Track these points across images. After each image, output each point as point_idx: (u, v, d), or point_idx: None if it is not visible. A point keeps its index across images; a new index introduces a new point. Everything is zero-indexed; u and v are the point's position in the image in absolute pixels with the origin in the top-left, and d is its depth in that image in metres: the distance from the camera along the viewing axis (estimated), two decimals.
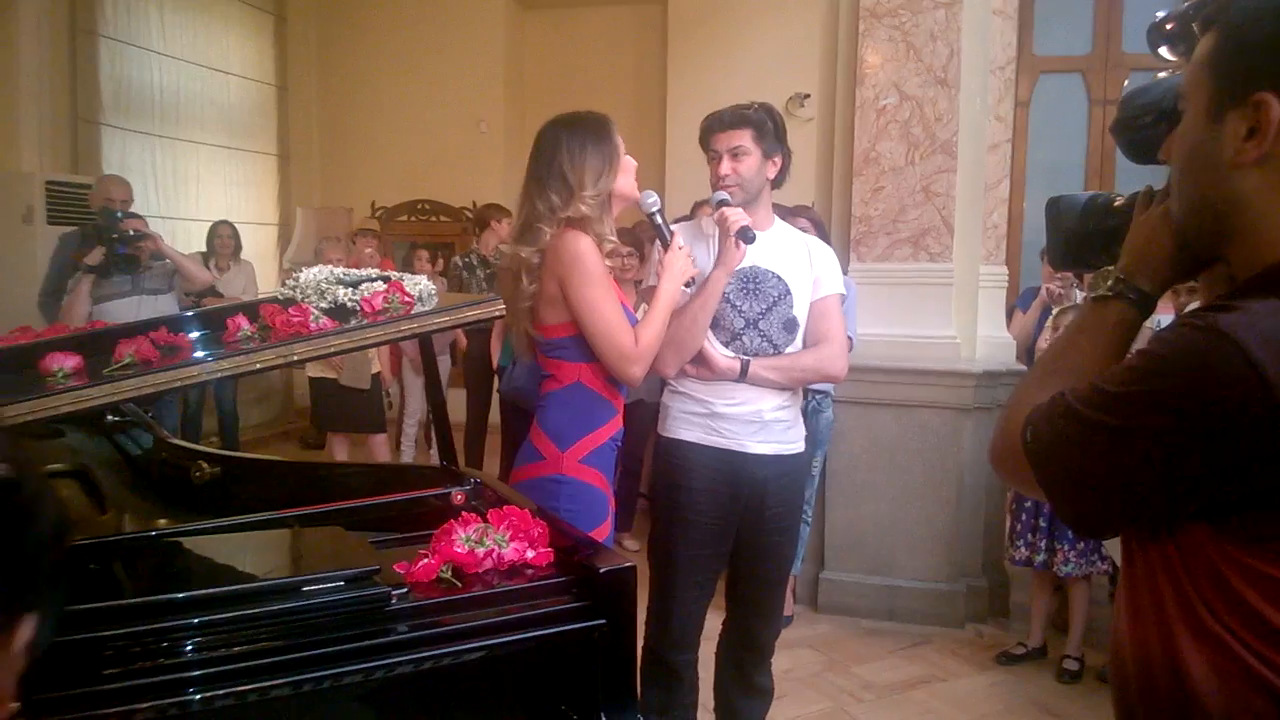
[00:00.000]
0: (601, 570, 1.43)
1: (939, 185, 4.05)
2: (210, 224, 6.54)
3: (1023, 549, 3.70)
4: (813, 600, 4.23)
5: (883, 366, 4.02)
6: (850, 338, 3.78)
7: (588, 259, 2.07)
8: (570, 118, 2.22)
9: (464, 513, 1.60)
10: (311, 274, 2.09)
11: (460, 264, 5.90)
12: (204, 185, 7.51)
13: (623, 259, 4.26)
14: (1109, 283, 1.03)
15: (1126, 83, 1.21)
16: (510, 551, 1.51)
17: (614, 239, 2.18)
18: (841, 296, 2.64)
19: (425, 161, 8.07)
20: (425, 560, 1.47)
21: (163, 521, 2.08)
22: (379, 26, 8.20)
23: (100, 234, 4.57)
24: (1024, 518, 3.71)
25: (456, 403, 6.48)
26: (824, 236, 4.09)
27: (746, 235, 2.37)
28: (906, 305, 4.09)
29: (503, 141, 8.02)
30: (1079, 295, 4.33)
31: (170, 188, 7.20)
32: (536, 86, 8.22)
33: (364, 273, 2.23)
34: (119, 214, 4.67)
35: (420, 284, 2.10)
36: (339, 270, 2.19)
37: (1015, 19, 4.23)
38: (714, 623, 2.67)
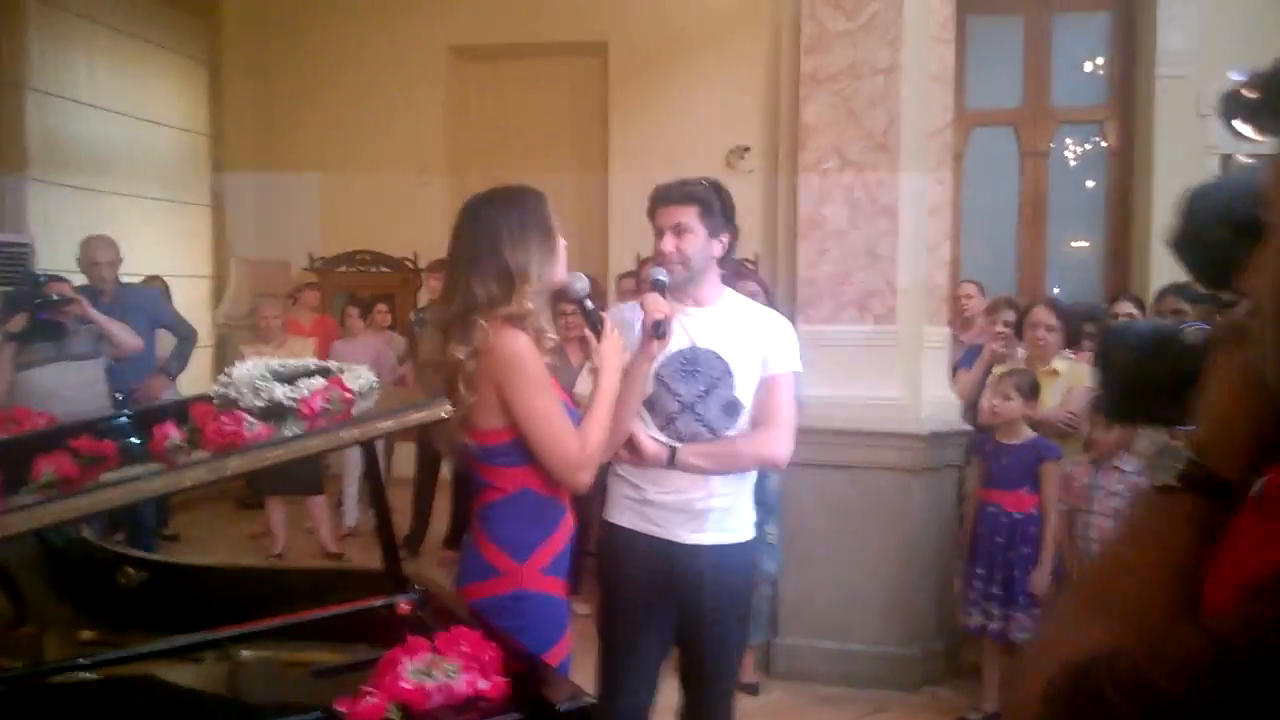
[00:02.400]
0: (560, 709, 1.35)
1: (883, 248, 4.08)
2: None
3: (976, 615, 3.69)
4: (767, 667, 4.17)
5: (832, 428, 4.01)
6: (798, 400, 3.79)
7: (528, 361, 1.94)
8: (505, 196, 2.07)
9: (410, 636, 1.52)
10: (246, 369, 1.99)
11: (414, 319, 5.83)
12: (135, 239, 7.27)
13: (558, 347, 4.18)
14: (1178, 466, 0.75)
15: (1192, 189, 0.89)
16: (462, 684, 1.42)
17: (553, 335, 2.07)
18: (795, 374, 2.58)
19: (365, 211, 7.96)
20: (370, 698, 1.38)
21: (87, 635, 1.96)
22: (316, 75, 8.11)
23: (23, 299, 4.40)
24: (976, 584, 3.70)
25: (406, 455, 6.35)
26: (770, 300, 4.12)
27: (658, 330, 2.27)
28: (853, 367, 4.09)
29: (443, 190, 7.95)
30: (1021, 353, 4.39)
31: None
32: (478, 135, 8.19)
33: (301, 363, 2.15)
34: (42, 277, 4.51)
35: (361, 378, 2.02)
36: (274, 362, 2.10)
37: (952, 84, 4.31)
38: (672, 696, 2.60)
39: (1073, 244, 7.25)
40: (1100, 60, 7.07)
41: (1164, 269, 6.15)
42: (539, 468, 1.99)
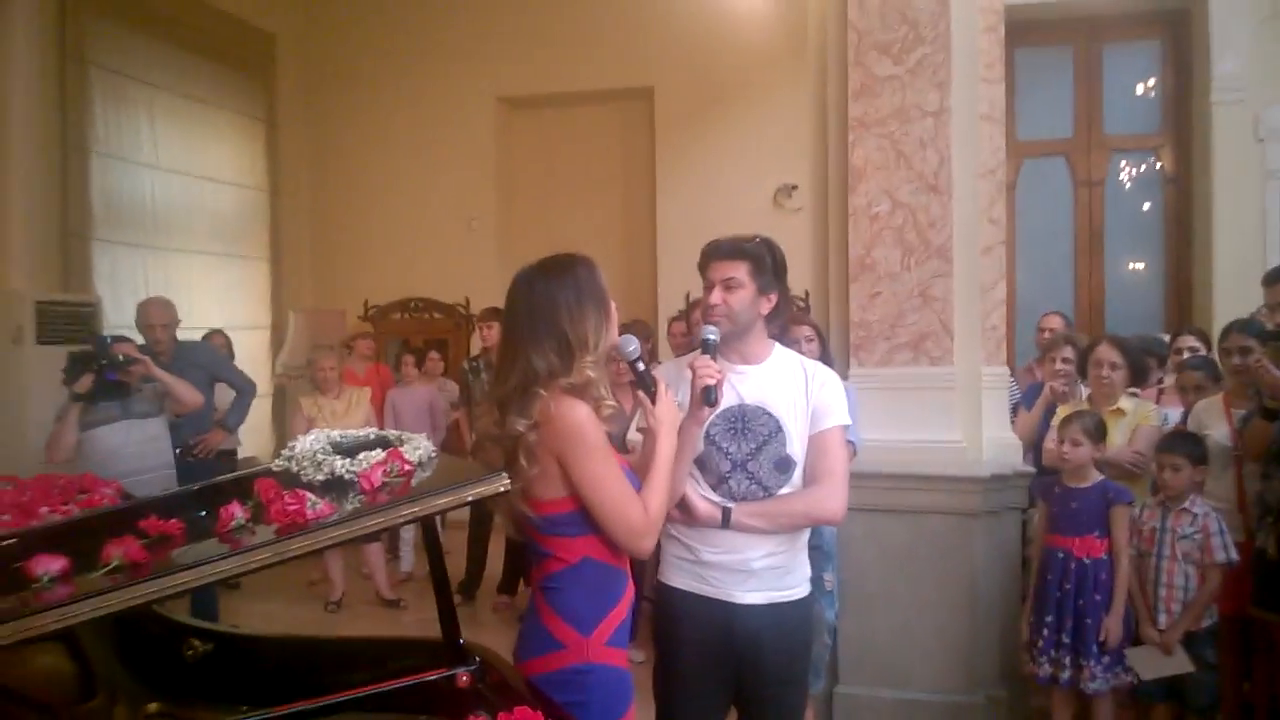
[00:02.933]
0: None
1: (936, 289, 4.04)
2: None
3: (1046, 665, 3.58)
4: (829, 716, 4.09)
5: (889, 473, 3.95)
6: (853, 443, 3.74)
7: (590, 431, 1.92)
8: (558, 267, 2.05)
9: (470, 715, 1.51)
10: (307, 444, 2.03)
11: (467, 367, 5.89)
12: (196, 293, 7.51)
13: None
14: None
15: None
16: None
17: (612, 401, 2.03)
18: (845, 428, 2.54)
19: (417, 259, 8.11)
20: None
21: (153, 708, 1.99)
22: (369, 128, 8.32)
23: (90, 360, 4.52)
24: (1045, 632, 3.60)
25: None
26: (824, 342, 4.09)
27: (709, 397, 2.24)
28: (910, 410, 4.03)
29: (493, 237, 8.07)
30: (1083, 391, 4.30)
31: None
32: (526, 183, 8.32)
33: (362, 434, 2.18)
34: (109, 338, 4.62)
35: (420, 448, 2.04)
36: (335, 433, 2.13)
37: (1002, 123, 4.27)
38: None
39: (1131, 266, 7.09)
40: (1153, 86, 6.96)
41: (1226, 297, 6.01)
42: (601, 537, 1.96)
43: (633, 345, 2.21)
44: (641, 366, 2.20)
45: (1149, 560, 3.57)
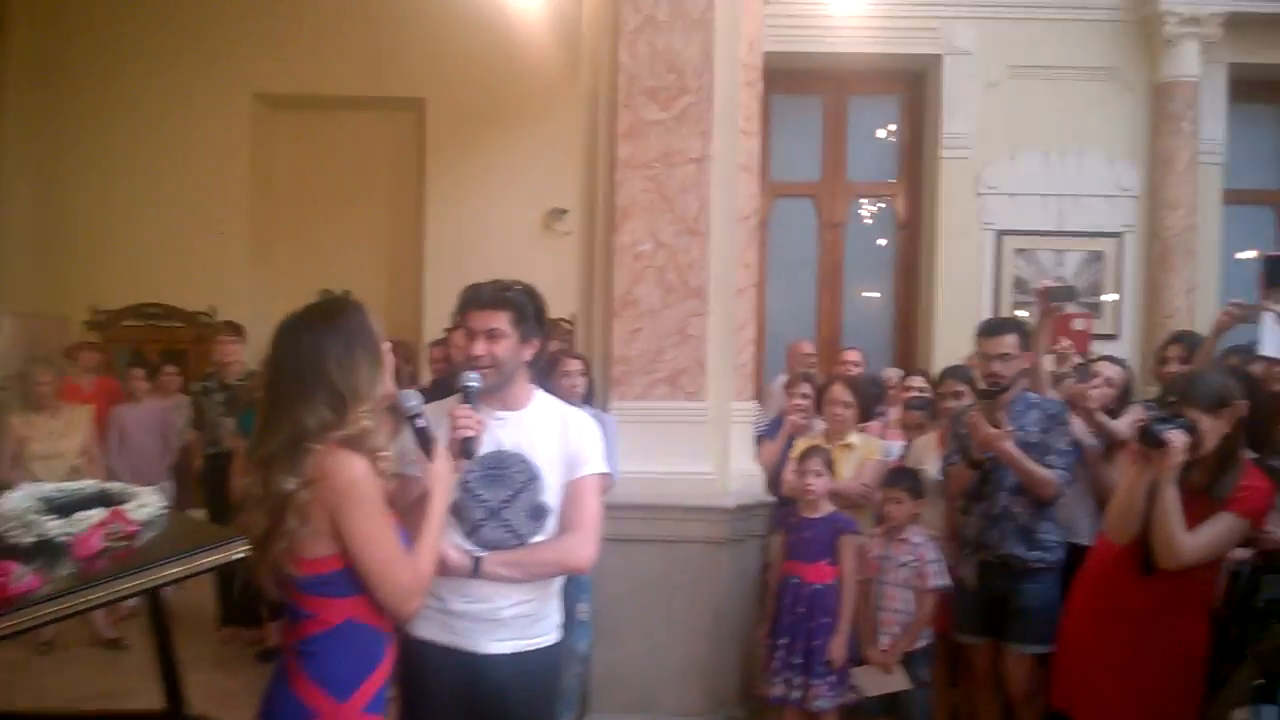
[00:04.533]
0: None
1: (693, 328, 4.23)
2: None
3: (778, 685, 3.81)
4: None
5: (645, 504, 4.08)
6: (611, 474, 3.84)
7: (364, 486, 1.83)
8: (325, 313, 1.96)
9: None
10: (14, 501, 1.83)
11: (199, 389, 5.48)
12: None
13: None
14: None
15: None
16: None
17: (387, 453, 1.94)
18: (601, 475, 2.57)
19: (156, 261, 7.51)
20: None
21: None
22: (105, 119, 7.61)
23: None
24: (779, 654, 3.84)
25: None
26: (589, 376, 4.19)
27: (466, 450, 2.26)
28: (665, 443, 4.19)
29: (246, 241, 7.60)
30: (818, 425, 4.62)
31: None
32: (284, 187, 7.90)
33: (81, 487, 1.99)
34: None
35: (147, 505, 1.90)
36: (48, 487, 1.94)
37: (757, 173, 4.53)
38: None
39: (867, 301, 7.69)
40: (892, 137, 7.59)
41: (946, 336, 6.67)
42: (367, 597, 1.89)
43: (413, 400, 2.17)
44: (421, 424, 2.16)
45: (873, 586, 3.89)
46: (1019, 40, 6.80)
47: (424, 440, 2.14)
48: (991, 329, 3.76)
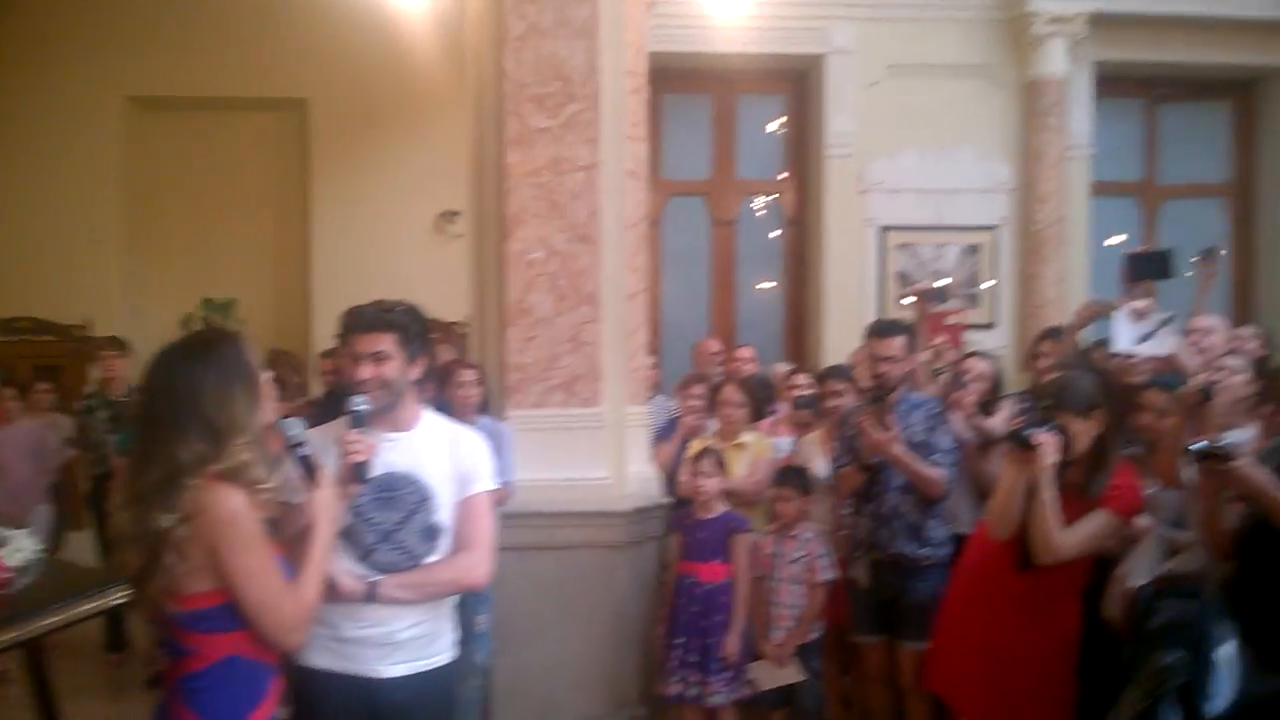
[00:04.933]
0: None
1: (586, 334, 4.25)
2: None
3: (675, 683, 3.90)
4: None
5: (542, 511, 4.10)
6: (509, 483, 3.86)
7: (243, 523, 1.82)
8: (199, 346, 1.95)
9: None
10: None
11: (83, 407, 5.27)
12: None
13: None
14: None
15: None
16: None
17: (268, 484, 1.92)
18: (491, 493, 2.57)
19: (23, 272, 7.12)
20: None
21: None
22: None
23: None
24: (676, 653, 3.92)
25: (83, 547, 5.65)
26: (484, 384, 4.18)
27: (359, 475, 2.28)
28: (561, 450, 4.21)
29: (120, 250, 7.29)
30: (712, 425, 4.72)
31: None
32: (161, 193, 7.58)
33: None
34: None
35: (22, 549, 1.84)
36: None
37: (646, 179, 4.58)
38: None
39: (759, 296, 7.83)
40: (779, 135, 7.73)
41: (834, 331, 6.84)
42: (249, 632, 1.87)
43: (295, 429, 2.16)
44: (304, 451, 2.15)
45: (766, 582, 4.00)
46: (897, 39, 7.00)
47: (308, 468, 2.13)
48: (882, 330, 3.86)
